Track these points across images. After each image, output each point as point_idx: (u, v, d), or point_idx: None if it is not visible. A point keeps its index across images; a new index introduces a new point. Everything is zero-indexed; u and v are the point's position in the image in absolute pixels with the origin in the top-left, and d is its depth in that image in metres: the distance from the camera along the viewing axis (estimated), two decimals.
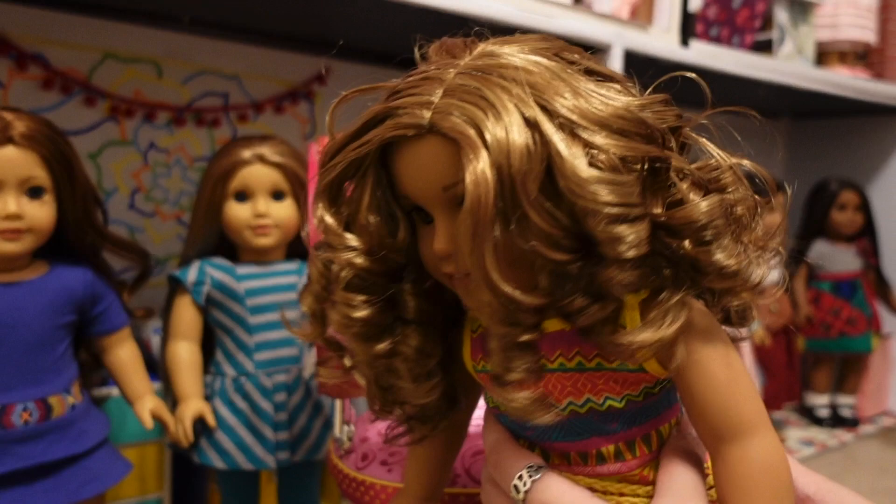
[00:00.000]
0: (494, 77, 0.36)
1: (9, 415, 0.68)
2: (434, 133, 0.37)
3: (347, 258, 0.40)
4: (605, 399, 0.40)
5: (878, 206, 1.54)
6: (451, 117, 0.36)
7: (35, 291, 0.71)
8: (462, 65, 0.38)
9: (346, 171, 0.41)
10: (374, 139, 0.39)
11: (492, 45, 0.39)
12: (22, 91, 0.96)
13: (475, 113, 0.35)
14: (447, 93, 0.37)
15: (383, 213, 0.41)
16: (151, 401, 0.78)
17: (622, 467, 0.41)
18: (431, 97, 0.37)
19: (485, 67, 0.37)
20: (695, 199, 0.37)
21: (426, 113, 0.37)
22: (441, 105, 0.36)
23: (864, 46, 1.49)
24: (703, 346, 0.38)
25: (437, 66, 0.39)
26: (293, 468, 0.86)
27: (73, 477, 0.72)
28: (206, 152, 1.11)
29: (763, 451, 0.38)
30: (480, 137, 0.34)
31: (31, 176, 0.69)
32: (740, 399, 0.38)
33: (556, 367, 0.40)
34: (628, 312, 0.38)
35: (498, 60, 0.37)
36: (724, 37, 1.27)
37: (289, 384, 0.84)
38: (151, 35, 1.05)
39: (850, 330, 1.47)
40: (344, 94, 0.43)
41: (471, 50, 0.39)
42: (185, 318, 0.84)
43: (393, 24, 1.01)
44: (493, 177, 0.34)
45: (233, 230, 0.84)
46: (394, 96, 0.40)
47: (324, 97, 1.21)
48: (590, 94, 0.36)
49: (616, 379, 0.40)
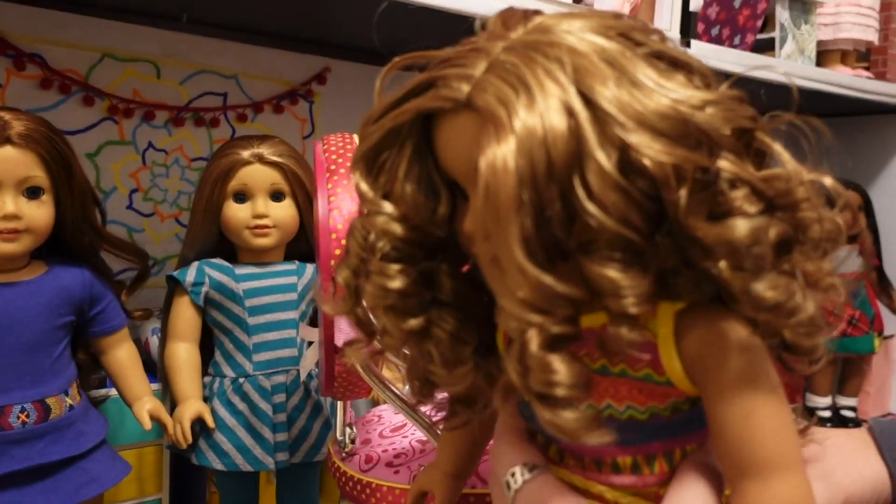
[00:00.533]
0: (539, 56, 0.33)
1: (6, 416, 0.68)
2: (471, 108, 0.35)
3: (383, 225, 0.39)
4: (626, 407, 0.38)
5: (880, 206, 1.53)
6: (485, 95, 0.33)
7: (33, 292, 0.71)
8: (512, 38, 0.35)
9: (383, 140, 0.39)
10: (411, 109, 0.37)
11: (551, 20, 0.35)
12: (20, 91, 0.96)
13: (508, 93, 0.32)
14: (489, 68, 0.34)
15: (423, 186, 0.39)
16: (150, 402, 0.78)
17: (638, 481, 0.39)
18: (473, 71, 0.35)
19: (533, 44, 0.34)
20: (745, 212, 0.32)
21: (465, 87, 0.35)
22: (481, 80, 0.34)
23: (866, 46, 1.49)
24: (733, 371, 0.35)
25: (488, 37, 0.36)
26: (292, 469, 0.85)
27: (72, 478, 0.71)
28: (204, 152, 1.11)
29: (785, 495, 0.35)
30: (509, 120, 0.32)
31: (29, 176, 0.69)
32: (767, 434, 0.35)
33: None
34: (661, 320, 0.36)
35: (549, 37, 0.34)
36: (725, 37, 1.26)
37: (287, 385, 0.84)
38: (150, 35, 1.04)
39: (852, 331, 1.46)
40: (396, 59, 0.41)
41: (527, 22, 0.36)
42: (184, 319, 0.83)
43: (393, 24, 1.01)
44: (516, 164, 0.31)
45: (232, 231, 0.84)
46: (440, 65, 0.37)
47: (323, 97, 1.20)
48: (643, 84, 0.32)
49: (641, 388, 0.37)
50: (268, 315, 0.84)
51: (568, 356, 0.33)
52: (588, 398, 0.34)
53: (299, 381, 0.85)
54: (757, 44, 1.32)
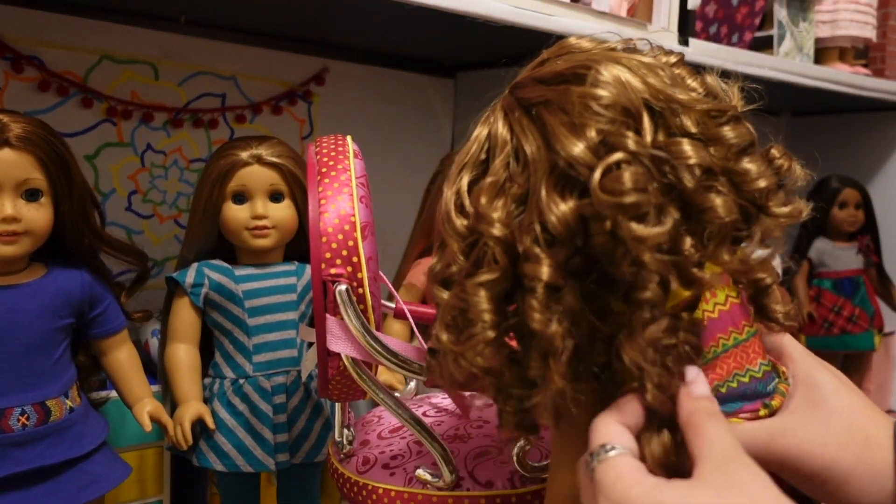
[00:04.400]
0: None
1: (7, 418, 0.68)
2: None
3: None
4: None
5: (879, 203, 1.53)
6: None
7: (32, 294, 0.71)
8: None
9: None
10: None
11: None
12: (18, 93, 0.96)
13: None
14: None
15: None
16: (150, 403, 0.78)
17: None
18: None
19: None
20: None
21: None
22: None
23: (864, 43, 1.49)
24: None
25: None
26: (293, 470, 0.85)
27: (72, 480, 0.71)
28: (203, 153, 1.11)
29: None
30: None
31: (27, 178, 0.69)
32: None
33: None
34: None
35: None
36: (724, 34, 1.26)
37: (288, 386, 0.84)
38: (148, 36, 1.04)
39: (852, 328, 1.46)
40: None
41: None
42: (184, 321, 0.83)
43: (392, 24, 1.01)
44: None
45: (231, 232, 0.84)
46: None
47: (321, 98, 1.20)
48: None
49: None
50: (267, 316, 0.84)
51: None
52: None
53: (300, 382, 0.85)
54: (755, 41, 1.32)
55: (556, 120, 0.37)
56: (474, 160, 0.42)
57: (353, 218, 0.54)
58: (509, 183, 0.39)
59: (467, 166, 0.42)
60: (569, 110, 0.37)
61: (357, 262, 0.54)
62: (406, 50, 1.23)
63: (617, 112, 0.37)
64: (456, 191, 0.41)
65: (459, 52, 1.25)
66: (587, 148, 0.36)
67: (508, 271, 0.38)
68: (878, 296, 1.50)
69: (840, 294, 1.47)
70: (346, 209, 0.54)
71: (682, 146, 0.37)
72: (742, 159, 0.39)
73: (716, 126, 0.39)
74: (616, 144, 0.36)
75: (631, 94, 0.37)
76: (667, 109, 0.38)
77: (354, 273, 0.54)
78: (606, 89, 0.37)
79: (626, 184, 0.34)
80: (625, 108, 0.37)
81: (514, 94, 0.41)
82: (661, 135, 0.37)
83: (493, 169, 0.40)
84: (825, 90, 1.36)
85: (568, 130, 0.37)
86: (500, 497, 0.56)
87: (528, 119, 0.39)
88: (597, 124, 0.36)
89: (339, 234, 0.54)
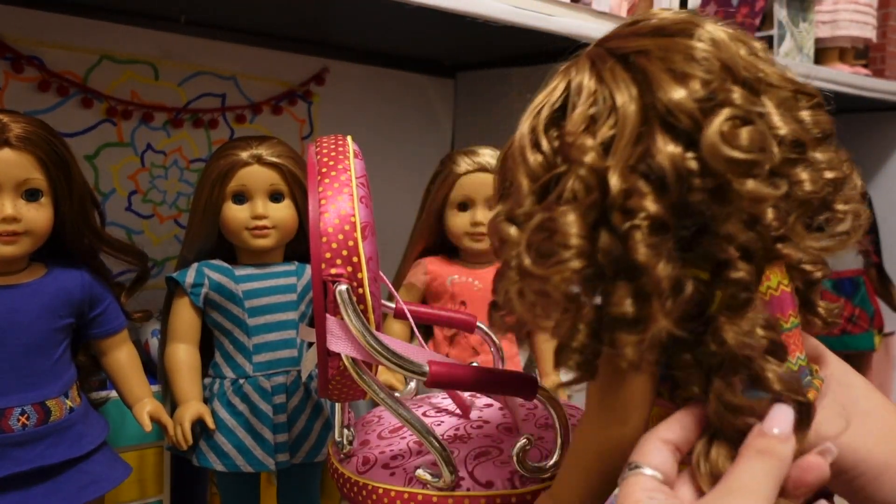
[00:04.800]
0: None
1: (6, 418, 0.68)
2: None
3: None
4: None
5: (879, 203, 1.53)
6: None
7: (32, 294, 0.71)
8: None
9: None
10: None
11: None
12: (18, 93, 0.96)
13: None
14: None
15: None
16: (150, 403, 0.78)
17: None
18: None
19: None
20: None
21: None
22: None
23: (864, 43, 1.49)
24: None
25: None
26: (293, 470, 0.85)
27: (72, 480, 0.71)
28: (203, 153, 1.11)
29: None
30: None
31: (27, 178, 0.69)
32: None
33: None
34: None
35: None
36: None
37: (288, 386, 0.84)
38: (148, 36, 1.04)
39: (852, 328, 1.46)
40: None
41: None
42: (184, 321, 0.83)
43: (392, 24, 1.01)
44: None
45: (231, 232, 0.84)
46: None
47: (321, 98, 1.20)
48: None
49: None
50: (268, 316, 0.84)
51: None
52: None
53: (300, 382, 0.85)
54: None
55: (657, 67, 0.37)
56: (551, 106, 0.41)
57: (354, 218, 0.54)
58: (594, 126, 0.38)
59: (544, 108, 0.41)
60: (671, 59, 0.37)
61: (357, 262, 0.54)
62: (406, 50, 1.23)
63: (719, 69, 0.37)
64: (531, 128, 0.40)
65: (459, 52, 1.25)
66: (691, 97, 0.35)
67: (599, 203, 0.36)
68: (878, 296, 1.50)
69: (840, 294, 1.47)
70: (347, 209, 0.54)
71: (772, 116, 0.37)
72: (817, 148, 0.39)
73: (797, 108, 0.39)
74: (724, 100, 0.35)
75: (733, 57, 0.37)
76: (754, 80, 0.38)
77: (354, 273, 0.54)
78: (712, 45, 0.37)
79: (744, 140, 0.34)
80: (727, 67, 0.37)
81: (603, 46, 0.40)
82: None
83: (576, 114, 0.39)
84: (825, 90, 1.35)
85: (670, 78, 0.36)
86: (500, 497, 0.56)
87: (622, 67, 0.38)
88: (702, 76, 0.36)
89: (340, 234, 0.54)
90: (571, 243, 0.36)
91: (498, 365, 0.76)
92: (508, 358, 0.92)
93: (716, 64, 0.37)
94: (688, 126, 0.35)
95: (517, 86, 1.19)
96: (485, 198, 0.94)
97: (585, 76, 0.39)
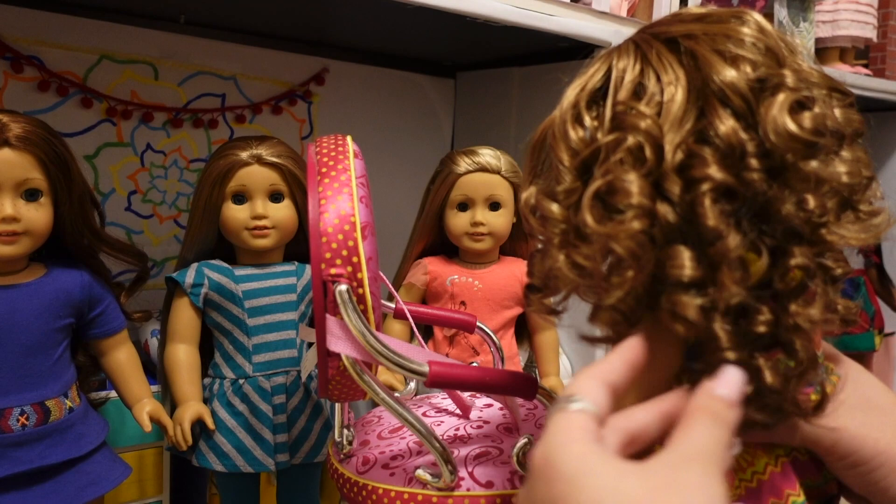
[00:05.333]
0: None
1: (6, 419, 0.68)
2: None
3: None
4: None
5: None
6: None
7: (32, 294, 0.71)
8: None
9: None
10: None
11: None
12: (18, 93, 0.96)
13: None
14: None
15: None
16: (150, 404, 0.78)
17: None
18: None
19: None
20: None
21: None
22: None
23: (865, 43, 1.49)
24: None
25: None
26: (292, 470, 0.85)
27: (72, 481, 0.71)
28: (203, 153, 1.11)
29: None
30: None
31: (27, 178, 0.69)
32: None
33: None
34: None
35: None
36: None
37: (287, 386, 0.84)
38: (147, 36, 1.04)
39: (852, 328, 1.46)
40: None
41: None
42: (184, 321, 0.83)
43: (392, 24, 1.01)
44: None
45: (231, 232, 0.84)
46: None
47: (321, 98, 1.20)
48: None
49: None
50: (267, 316, 0.84)
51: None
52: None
53: (299, 382, 0.85)
54: None
55: (705, 49, 0.37)
56: (593, 86, 0.41)
57: (354, 218, 0.54)
58: (645, 97, 0.38)
59: (585, 89, 0.41)
60: (720, 42, 0.38)
61: (357, 262, 0.54)
62: (406, 50, 1.23)
63: (767, 55, 0.37)
64: (573, 103, 0.41)
65: (459, 52, 1.25)
66: (743, 78, 0.36)
67: (654, 169, 0.36)
68: (879, 296, 1.50)
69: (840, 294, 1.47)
70: (346, 209, 0.54)
71: (821, 105, 0.37)
72: (851, 144, 0.39)
73: (830, 106, 0.39)
74: (778, 83, 0.36)
75: (779, 46, 0.38)
76: (797, 71, 0.38)
77: (354, 273, 0.54)
78: (759, 31, 0.38)
79: (808, 121, 0.35)
80: (774, 54, 0.37)
81: (647, 32, 0.41)
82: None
83: (626, 85, 0.39)
84: None
85: (720, 59, 0.37)
86: (500, 497, 0.56)
87: (669, 49, 0.39)
88: (752, 58, 0.37)
89: (339, 234, 0.54)
90: (634, 202, 0.36)
91: (498, 365, 0.76)
92: (508, 358, 0.92)
93: (764, 50, 0.37)
94: (740, 107, 0.36)
95: (517, 86, 1.19)
96: (484, 198, 0.94)
97: (631, 57, 0.40)
